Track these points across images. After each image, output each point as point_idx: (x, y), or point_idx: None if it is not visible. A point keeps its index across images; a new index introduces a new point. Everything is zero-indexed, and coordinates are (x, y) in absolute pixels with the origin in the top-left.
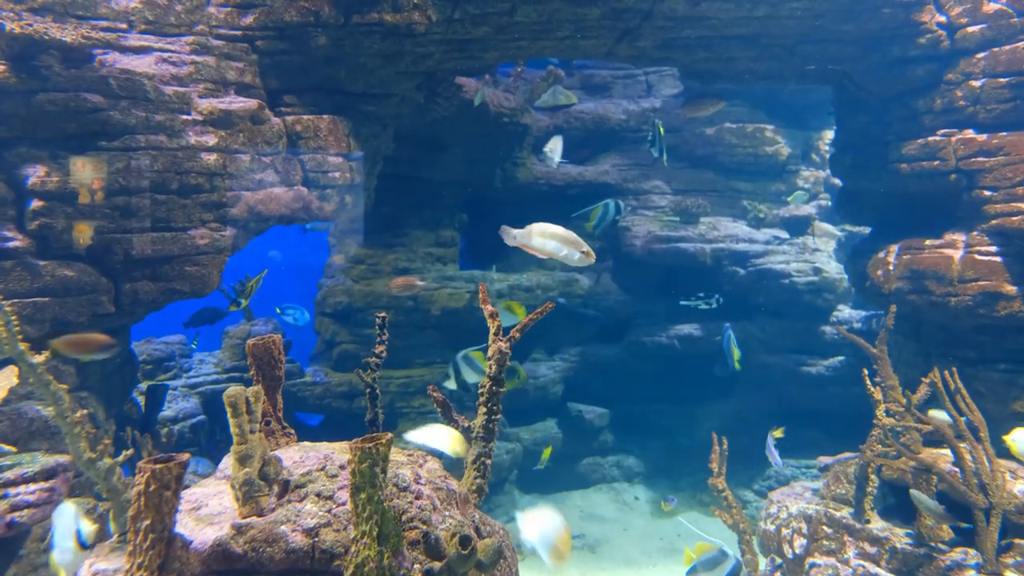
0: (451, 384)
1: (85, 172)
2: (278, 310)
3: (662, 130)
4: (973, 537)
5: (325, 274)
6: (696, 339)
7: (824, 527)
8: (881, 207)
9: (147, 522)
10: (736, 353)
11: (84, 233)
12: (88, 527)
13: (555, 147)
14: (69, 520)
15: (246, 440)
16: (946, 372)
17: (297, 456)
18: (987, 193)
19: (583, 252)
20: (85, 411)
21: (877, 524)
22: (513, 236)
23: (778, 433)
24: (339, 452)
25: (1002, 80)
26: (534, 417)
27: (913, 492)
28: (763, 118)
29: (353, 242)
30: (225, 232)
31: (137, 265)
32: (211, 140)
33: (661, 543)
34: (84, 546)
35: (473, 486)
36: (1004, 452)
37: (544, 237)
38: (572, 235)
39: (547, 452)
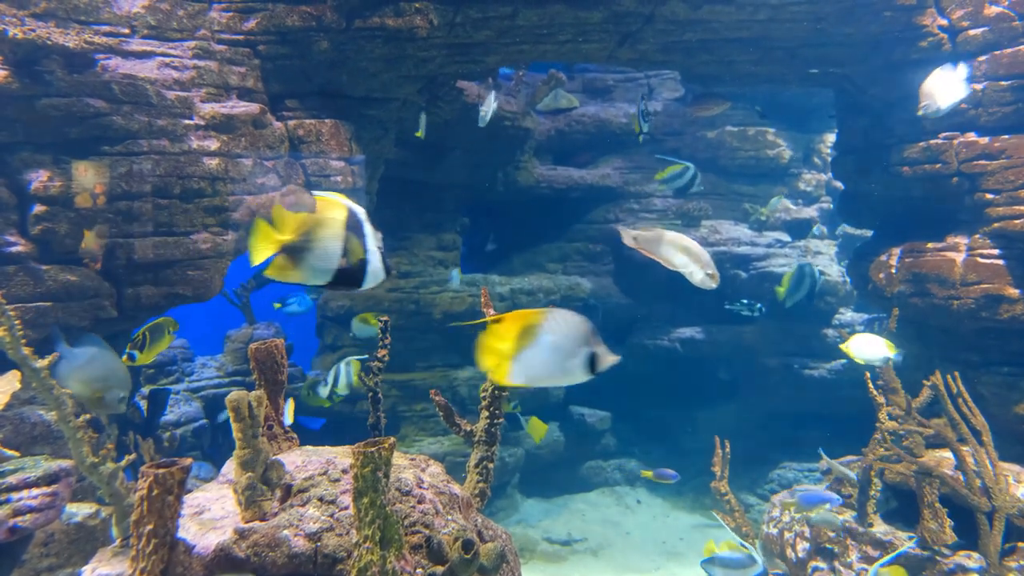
0: (324, 391)
1: (87, 177)
2: (277, 305)
3: (646, 107)
4: (976, 540)
5: None
6: (698, 342)
7: (827, 530)
8: (883, 210)
9: (150, 527)
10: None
11: (90, 239)
12: None
13: (488, 108)
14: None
15: (249, 444)
16: (948, 376)
17: (299, 460)
18: (989, 196)
19: (708, 274)
20: (88, 416)
21: (880, 528)
22: (633, 237)
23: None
24: (341, 456)
25: (1004, 83)
26: None
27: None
28: (764, 121)
29: None
30: (227, 236)
31: (139, 269)
32: (213, 144)
33: (664, 546)
34: None
35: (476, 490)
36: (1005, 456)
37: (675, 248)
38: (705, 253)
39: (539, 429)
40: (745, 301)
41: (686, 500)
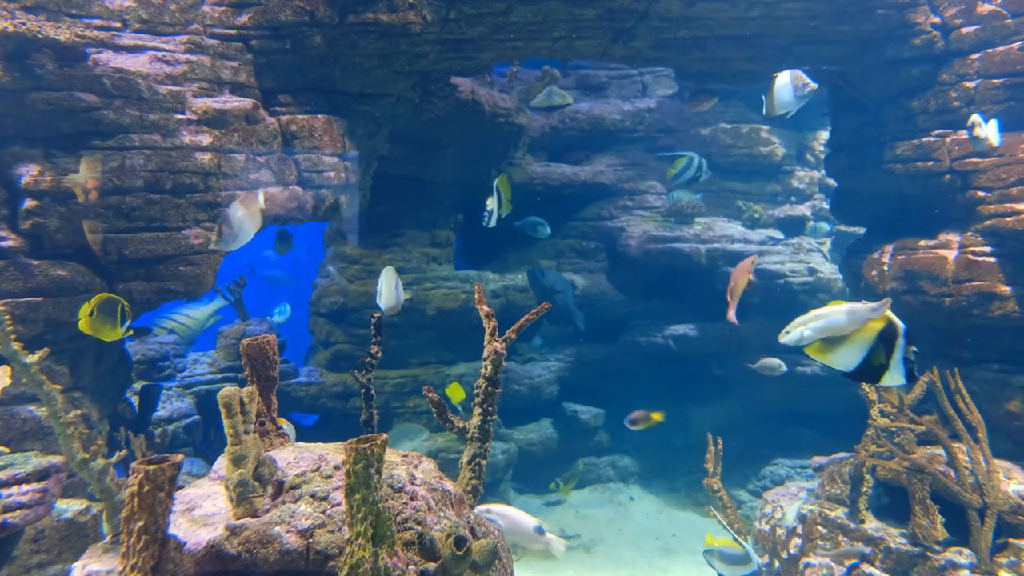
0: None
1: (79, 171)
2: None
3: (505, 190)
4: (967, 536)
5: (320, 274)
6: (691, 339)
7: (819, 527)
8: (876, 207)
9: (140, 523)
10: None
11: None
12: None
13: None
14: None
15: (240, 441)
16: (947, 372)
17: (292, 457)
18: (981, 194)
19: None
20: (78, 411)
21: (872, 524)
22: None
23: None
24: (334, 453)
25: (996, 81)
26: (529, 417)
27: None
28: (758, 118)
29: (348, 242)
30: None
31: (131, 265)
32: (205, 140)
33: (656, 543)
34: None
35: (468, 487)
36: (997, 452)
37: None
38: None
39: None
40: None
41: (679, 496)
